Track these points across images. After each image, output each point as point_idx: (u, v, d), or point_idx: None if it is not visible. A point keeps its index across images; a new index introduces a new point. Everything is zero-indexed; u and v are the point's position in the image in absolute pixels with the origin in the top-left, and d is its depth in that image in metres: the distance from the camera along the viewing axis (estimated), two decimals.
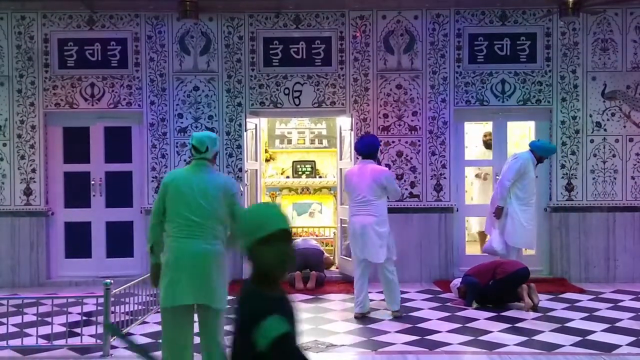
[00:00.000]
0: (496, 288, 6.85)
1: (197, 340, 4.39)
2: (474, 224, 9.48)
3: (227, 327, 4.00)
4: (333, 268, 8.72)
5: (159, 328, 6.10)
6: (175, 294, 4.16)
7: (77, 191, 8.53)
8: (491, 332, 6.01)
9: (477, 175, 9.69)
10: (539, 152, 7.57)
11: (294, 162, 10.11)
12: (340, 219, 8.62)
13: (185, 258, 4.18)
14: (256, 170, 8.71)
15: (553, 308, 6.86)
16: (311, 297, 7.49)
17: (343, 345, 5.61)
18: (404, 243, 8.29)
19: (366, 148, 6.67)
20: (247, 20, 8.37)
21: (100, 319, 5.43)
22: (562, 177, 8.35)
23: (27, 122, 8.36)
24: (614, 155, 8.35)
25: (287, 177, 10.06)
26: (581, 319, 6.45)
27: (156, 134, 8.36)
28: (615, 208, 8.32)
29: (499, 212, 7.46)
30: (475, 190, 9.78)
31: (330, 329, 6.12)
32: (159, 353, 4.23)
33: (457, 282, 7.29)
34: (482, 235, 9.36)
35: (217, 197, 4.30)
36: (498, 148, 8.69)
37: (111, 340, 5.36)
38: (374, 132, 8.33)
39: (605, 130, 8.35)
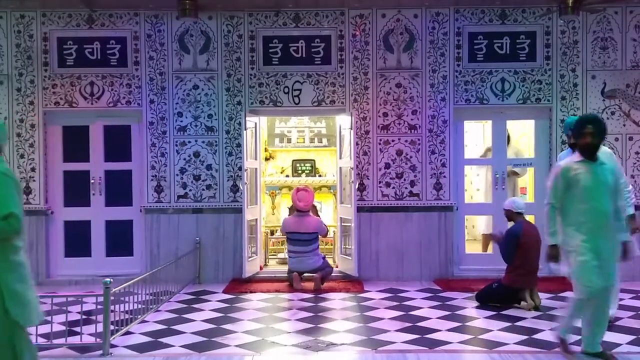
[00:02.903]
0: (500, 291, 6.84)
1: None
2: (479, 225, 9.03)
3: None
4: (333, 266, 8.70)
5: (159, 327, 6.14)
6: (38, 308, 3.81)
7: (76, 190, 8.53)
8: (491, 330, 6.00)
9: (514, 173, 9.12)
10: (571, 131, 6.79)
11: (293, 160, 10.10)
12: (340, 218, 8.61)
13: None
14: (256, 169, 8.69)
15: (553, 307, 6.86)
16: (311, 295, 7.49)
17: (343, 344, 5.60)
18: (404, 242, 8.33)
19: None
20: (247, 19, 8.37)
21: (100, 317, 5.42)
22: None
23: (26, 120, 8.35)
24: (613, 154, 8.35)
25: (287, 175, 10.05)
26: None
27: (156, 132, 8.36)
28: None
29: None
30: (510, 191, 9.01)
31: (330, 328, 6.11)
32: None
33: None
34: (486, 237, 9.31)
35: None
36: (498, 147, 8.68)
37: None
38: (374, 131, 8.34)
39: None
